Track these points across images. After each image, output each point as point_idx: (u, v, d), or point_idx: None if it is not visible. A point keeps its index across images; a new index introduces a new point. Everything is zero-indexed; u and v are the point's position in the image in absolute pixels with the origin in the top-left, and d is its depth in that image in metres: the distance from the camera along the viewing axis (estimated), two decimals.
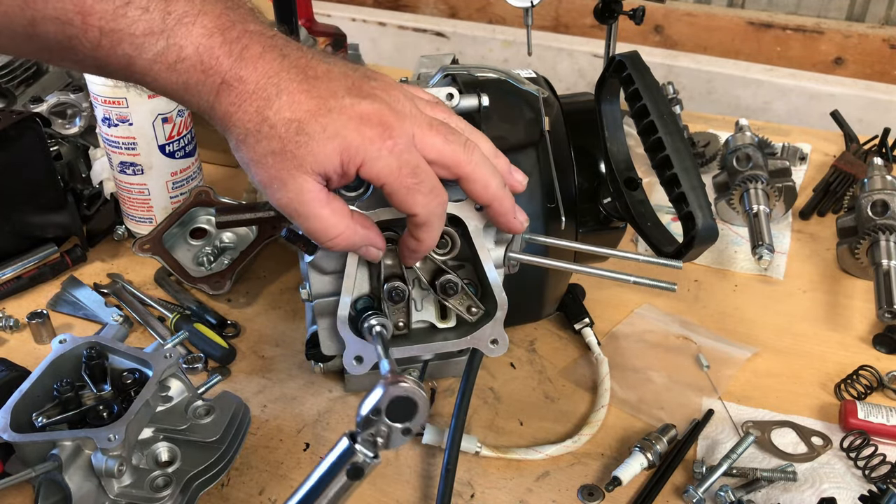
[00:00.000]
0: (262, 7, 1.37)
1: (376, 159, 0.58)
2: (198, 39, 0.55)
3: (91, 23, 0.54)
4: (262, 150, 0.58)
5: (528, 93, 0.83)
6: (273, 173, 0.58)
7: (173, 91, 0.58)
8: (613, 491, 0.80)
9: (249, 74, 0.56)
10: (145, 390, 0.77)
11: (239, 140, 0.58)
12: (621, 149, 0.89)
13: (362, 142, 0.57)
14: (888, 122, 1.41)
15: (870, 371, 0.92)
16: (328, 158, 0.57)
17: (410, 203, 0.60)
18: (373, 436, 0.53)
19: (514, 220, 0.66)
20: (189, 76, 0.56)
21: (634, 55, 0.84)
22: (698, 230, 0.76)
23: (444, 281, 0.70)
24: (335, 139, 0.57)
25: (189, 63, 0.56)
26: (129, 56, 0.55)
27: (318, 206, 0.59)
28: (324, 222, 0.60)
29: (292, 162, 0.57)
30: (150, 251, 1.07)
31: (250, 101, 0.56)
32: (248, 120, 0.57)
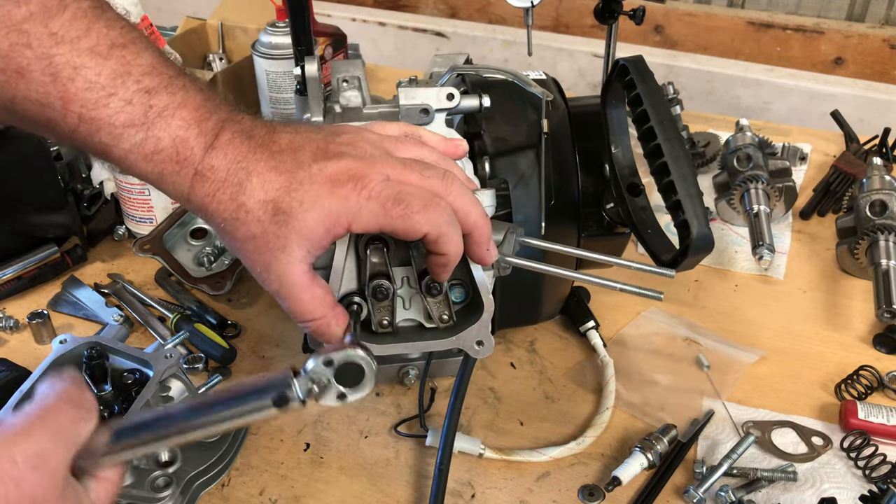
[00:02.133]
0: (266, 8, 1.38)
1: (359, 212, 0.58)
2: (175, 131, 0.56)
3: (72, 109, 0.54)
4: (242, 235, 0.58)
5: (533, 95, 0.83)
6: (256, 257, 0.58)
7: (148, 178, 0.58)
8: (613, 491, 0.80)
9: (220, 162, 0.57)
10: (146, 390, 0.77)
11: (220, 229, 0.59)
12: (626, 154, 0.89)
13: (340, 203, 0.57)
14: (888, 122, 1.41)
15: (870, 371, 0.92)
16: (312, 231, 0.57)
17: (414, 227, 0.59)
18: (312, 381, 0.53)
19: (487, 252, 0.66)
20: (164, 167, 0.57)
21: (638, 59, 0.84)
22: (693, 239, 0.76)
23: (429, 280, 0.70)
24: (314, 210, 0.57)
25: (165, 154, 0.56)
26: (106, 144, 0.56)
27: (299, 290, 0.59)
28: (303, 307, 0.60)
29: (275, 243, 0.57)
30: (151, 251, 1.07)
31: (223, 188, 0.57)
32: (224, 209, 0.57)
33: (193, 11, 1.58)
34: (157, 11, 1.48)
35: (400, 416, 0.89)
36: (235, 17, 1.46)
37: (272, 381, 0.53)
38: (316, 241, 0.58)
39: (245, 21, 1.45)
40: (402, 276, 0.72)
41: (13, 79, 0.54)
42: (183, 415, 0.52)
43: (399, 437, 0.87)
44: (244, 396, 0.52)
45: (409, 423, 0.88)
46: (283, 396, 0.53)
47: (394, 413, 0.90)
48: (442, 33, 2.41)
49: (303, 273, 0.59)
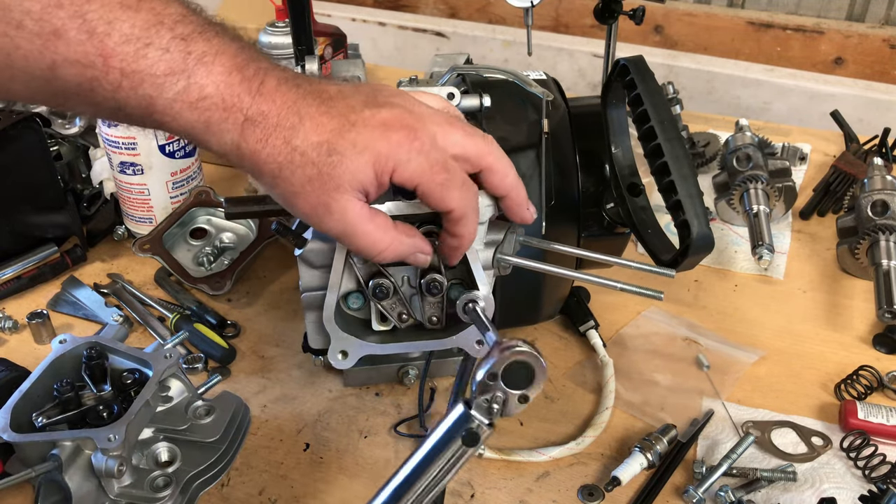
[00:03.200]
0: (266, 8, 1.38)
1: (407, 162, 0.59)
2: (218, 77, 0.56)
3: (112, 65, 0.54)
4: (298, 179, 0.58)
5: (533, 95, 0.83)
6: (314, 200, 0.59)
7: (193, 130, 0.57)
8: (613, 491, 0.80)
9: (270, 108, 0.57)
10: (145, 390, 0.77)
11: (274, 176, 0.58)
12: (626, 154, 0.89)
13: (391, 148, 0.58)
14: (888, 122, 1.41)
15: (870, 371, 0.92)
16: (363, 172, 0.58)
17: (447, 199, 0.61)
18: (488, 402, 0.52)
19: (528, 211, 0.68)
20: (211, 114, 0.56)
21: (638, 59, 0.84)
22: (693, 239, 0.76)
23: (429, 280, 0.70)
24: (365, 152, 0.58)
25: (210, 101, 0.56)
26: (150, 97, 0.56)
27: (363, 223, 0.60)
28: (370, 237, 0.61)
29: (330, 184, 0.58)
30: (150, 251, 1.07)
31: (276, 133, 0.57)
32: (278, 153, 0.57)
33: None
34: None
35: (399, 416, 0.89)
36: (235, 17, 1.46)
37: (453, 424, 0.52)
38: (367, 183, 0.59)
39: (245, 21, 1.45)
40: (402, 276, 0.72)
41: (51, 41, 0.53)
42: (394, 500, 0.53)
43: (399, 437, 0.87)
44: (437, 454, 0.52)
45: (408, 423, 0.88)
46: (471, 435, 0.52)
47: (393, 413, 0.90)
48: (442, 33, 2.41)
49: (362, 207, 0.60)
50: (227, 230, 1.15)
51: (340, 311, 0.72)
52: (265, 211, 0.85)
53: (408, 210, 0.69)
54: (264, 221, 1.11)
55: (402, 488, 0.53)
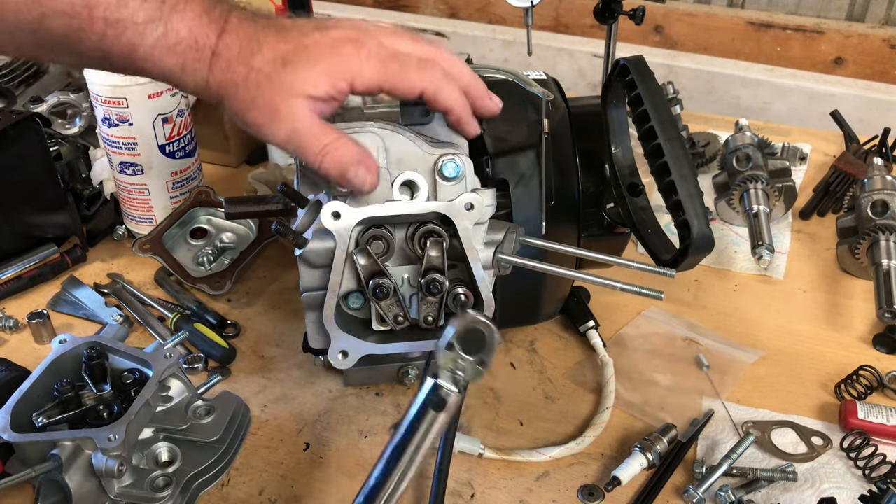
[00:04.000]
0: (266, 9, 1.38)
1: (361, 70, 0.63)
2: (190, 22, 0.62)
3: (97, 14, 0.60)
4: (252, 91, 0.63)
5: (533, 95, 0.83)
6: (264, 105, 0.63)
7: (171, 73, 0.63)
8: (613, 491, 0.80)
9: (233, 40, 0.63)
10: (145, 390, 0.77)
11: (231, 97, 0.63)
12: (626, 154, 0.89)
13: (343, 61, 0.63)
14: (888, 122, 1.41)
15: (870, 371, 0.92)
16: (316, 82, 0.62)
17: (410, 84, 0.64)
18: (452, 370, 0.54)
19: (491, 101, 0.71)
20: (186, 56, 0.62)
21: (638, 59, 0.84)
22: (693, 239, 0.76)
23: (429, 279, 0.70)
24: (318, 64, 0.62)
25: (185, 45, 0.62)
26: (133, 44, 0.61)
27: (310, 122, 0.63)
28: (316, 138, 0.64)
29: (280, 87, 0.62)
30: (150, 251, 1.07)
31: (237, 61, 0.63)
32: (237, 76, 0.63)
33: None
34: None
35: (400, 416, 0.89)
36: None
37: (425, 396, 0.55)
38: (320, 93, 0.63)
39: None
40: (403, 276, 0.72)
41: None
42: (384, 476, 0.57)
43: None
44: (414, 427, 0.55)
45: None
46: (439, 399, 0.54)
47: (393, 413, 0.90)
48: (442, 33, 2.41)
49: (312, 115, 0.63)
50: (227, 230, 1.15)
51: (340, 310, 0.72)
52: (265, 211, 0.85)
53: (407, 209, 0.69)
54: (264, 221, 1.11)
55: (390, 463, 0.56)
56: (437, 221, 0.71)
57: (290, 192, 0.70)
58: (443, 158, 0.71)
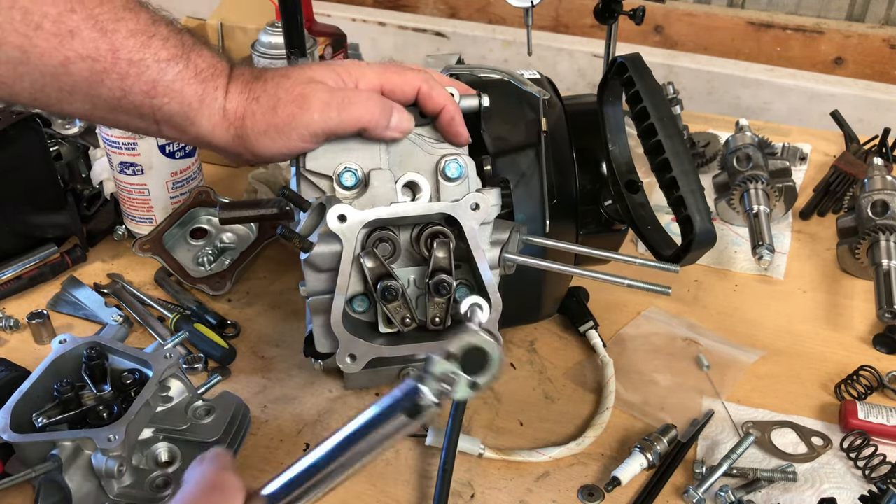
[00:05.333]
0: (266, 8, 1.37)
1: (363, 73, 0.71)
2: (208, 59, 0.68)
3: (121, 56, 0.63)
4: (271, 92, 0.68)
5: (529, 94, 0.83)
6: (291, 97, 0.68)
7: (189, 106, 0.67)
8: (613, 491, 0.80)
9: (242, 71, 0.71)
10: (145, 390, 0.77)
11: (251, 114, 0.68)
12: (623, 151, 0.89)
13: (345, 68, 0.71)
14: (888, 122, 1.41)
15: (870, 371, 0.92)
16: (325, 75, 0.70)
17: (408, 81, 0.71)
18: (439, 381, 0.52)
19: (462, 128, 0.72)
20: (207, 84, 0.67)
21: (636, 57, 0.84)
22: (696, 234, 0.76)
23: (438, 280, 0.70)
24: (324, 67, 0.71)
25: (207, 73, 0.67)
26: (154, 80, 0.65)
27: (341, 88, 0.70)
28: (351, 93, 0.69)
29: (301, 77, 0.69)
30: (150, 251, 1.07)
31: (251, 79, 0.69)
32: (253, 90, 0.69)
33: (193, 11, 1.57)
34: None
35: None
36: (235, 17, 1.46)
37: (400, 396, 0.53)
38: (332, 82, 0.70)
39: (245, 21, 1.45)
40: (409, 278, 0.72)
41: (66, 40, 0.61)
42: (326, 460, 0.53)
43: None
44: (378, 421, 0.53)
45: None
46: (416, 406, 0.52)
47: None
48: (442, 33, 2.41)
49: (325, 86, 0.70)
50: (227, 230, 1.15)
51: (346, 314, 0.72)
52: (259, 216, 0.85)
53: (413, 211, 0.69)
54: (264, 222, 1.11)
55: (339, 449, 0.53)
56: (441, 222, 0.71)
57: (292, 195, 0.70)
58: (445, 159, 0.71)
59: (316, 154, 0.71)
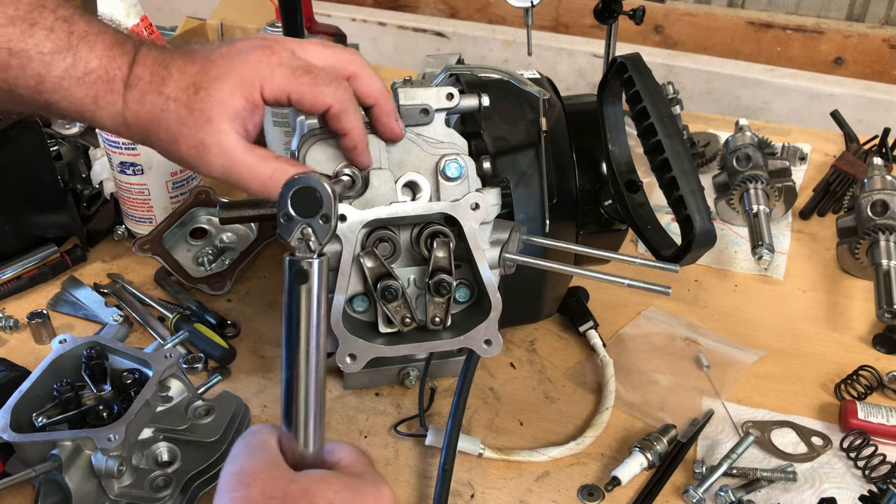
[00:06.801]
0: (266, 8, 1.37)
1: (270, 74, 0.61)
2: (101, 52, 0.61)
3: (0, 45, 0.59)
4: (174, 123, 0.61)
5: (529, 94, 0.83)
6: (192, 140, 0.61)
7: (83, 107, 0.61)
8: (613, 491, 0.80)
9: (143, 70, 0.62)
10: (145, 390, 0.77)
11: (154, 131, 0.62)
12: (623, 151, 0.89)
13: (250, 67, 0.61)
14: (888, 122, 1.41)
15: (870, 371, 0.92)
16: (231, 99, 0.60)
17: (319, 97, 0.62)
18: (301, 239, 0.53)
19: (397, 123, 0.69)
20: (98, 87, 0.61)
21: (636, 57, 0.84)
22: (696, 234, 0.76)
23: (438, 280, 0.70)
24: (228, 78, 0.61)
25: (96, 75, 0.61)
26: (39, 74, 0.60)
27: (242, 154, 0.62)
28: (253, 169, 0.62)
29: (202, 118, 0.60)
30: (150, 251, 1.07)
31: (150, 89, 0.61)
32: (154, 105, 0.61)
33: (193, 11, 1.58)
34: (157, 11, 1.48)
35: (400, 417, 0.89)
36: (235, 17, 1.46)
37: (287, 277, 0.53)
38: (239, 110, 0.61)
39: (244, 21, 1.45)
40: (409, 277, 0.72)
41: None
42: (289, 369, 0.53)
43: (399, 437, 0.87)
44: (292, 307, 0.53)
45: (408, 423, 0.88)
46: (300, 272, 0.53)
47: (393, 413, 0.90)
48: (442, 33, 2.41)
49: (238, 139, 0.62)
50: (227, 230, 1.15)
51: (346, 313, 0.72)
52: (259, 215, 0.85)
53: (413, 210, 0.69)
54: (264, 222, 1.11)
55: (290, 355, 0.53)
56: (441, 222, 0.71)
57: None
58: (445, 159, 0.71)
59: (315, 154, 0.71)
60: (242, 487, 0.50)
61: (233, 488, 0.50)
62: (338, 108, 0.63)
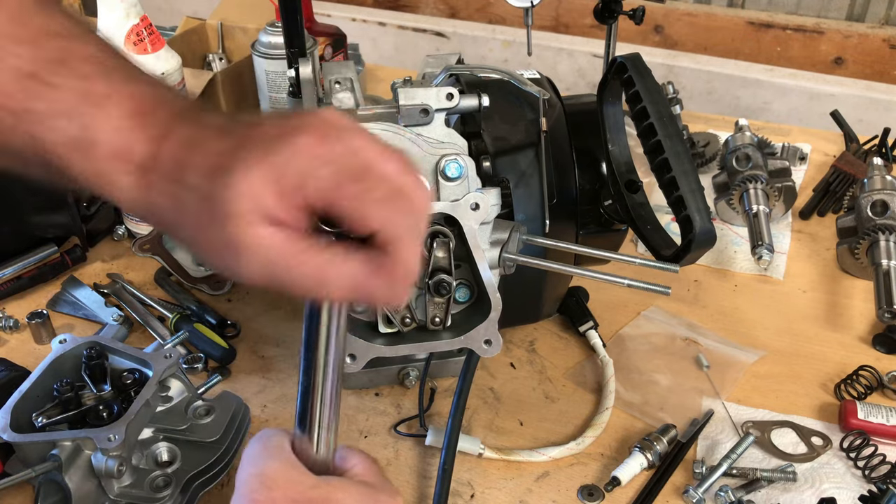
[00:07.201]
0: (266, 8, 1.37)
1: (315, 173, 0.45)
2: (116, 123, 0.48)
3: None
4: (195, 220, 0.47)
5: (529, 94, 0.83)
6: (218, 241, 0.46)
7: (87, 180, 0.49)
8: (613, 491, 0.80)
9: (168, 150, 0.48)
10: (145, 390, 0.77)
11: (177, 226, 0.49)
12: (623, 151, 0.89)
13: (293, 157, 0.44)
14: (888, 122, 1.41)
15: (870, 371, 0.92)
16: (260, 193, 0.44)
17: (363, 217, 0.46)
18: None
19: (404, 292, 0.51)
20: (101, 164, 0.48)
21: (635, 57, 0.84)
22: (696, 234, 0.76)
23: (438, 280, 0.70)
24: (260, 166, 0.44)
25: (100, 150, 0.48)
26: (33, 138, 0.49)
27: (280, 249, 0.45)
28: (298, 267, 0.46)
29: (224, 212, 0.44)
30: (150, 251, 1.07)
31: (168, 177, 0.47)
32: (173, 197, 0.47)
33: (193, 11, 1.57)
34: (157, 11, 1.48)
35: (399, 417, 0.89)
36: (235, 17, 1.46)
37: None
38: (272, 207, 0.44)
39: (244, 21, 1.45)
40: None
41: None
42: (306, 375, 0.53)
43: (399, 437, 0.87)
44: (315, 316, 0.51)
45: (408, 423, 0.88)
46: None
47: (393, 413, 0.90)
48: (442, 33, 2.42)
49: (274, 232, 0.45)
50: None
51: None
52: None
53: None
54: None
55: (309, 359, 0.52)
56: (441, 222, 0.71)
57: None
58: (445, 159, 0.71)
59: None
60: (266, 490, 0.50)
61: (255, 490, 0.50)
62: (389, 235, 0.46)
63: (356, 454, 0.55)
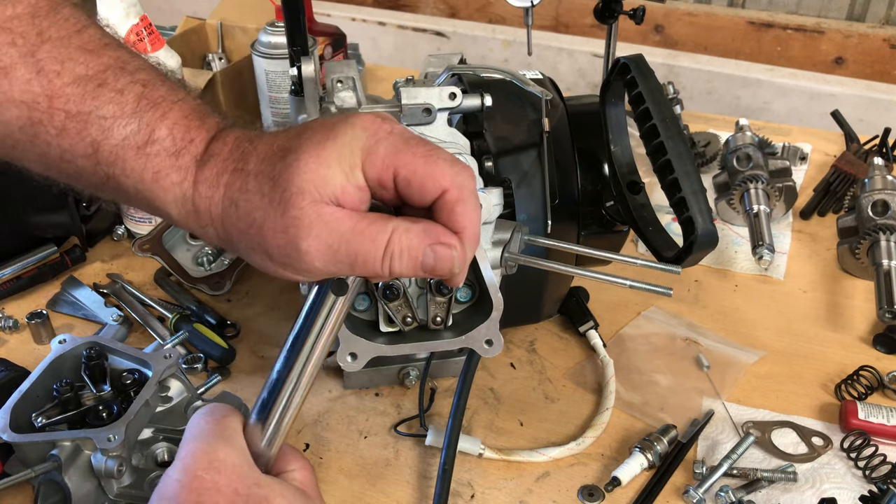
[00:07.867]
0: (266, 8, 1.37)
1: (376, 145, 0.48)
2: (172, 121, 0.51)
3: (57, 105, 0.50)
4: (255, 204, 0.48)
5: (531, 94, 0.83)
6: (279, 221, 0.48)
7: (141, 183, 0.52)
8: (613, 491, 0.80)
9: (221, 146, 0.51)
10: (145, 390, 0.76)
11: (233, 220, 0.50)
12: (625, 152, 0.89)
13: (354, 134, 0.48)
14: (888, 122, 1.41)
15: (870, 371, 0.92)
16: (327, 170, 0.47)
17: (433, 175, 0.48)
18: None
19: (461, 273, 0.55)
20: (160, 161, 0.51)
21: (638, 58, 0.84)
22: (698, 235, 0.76)
23: (439, 280, 0.70)
24: (324, 145, 0.48)
25: (160, 146, 0.51)
26: (96, 141, 0.51)
27: (349, 223, 0.47)
28: (367, 236, 0.48)
29: (290, 191, 0.47)
30: (150, 251, 1.07)
31: (227, 167, 0.50)
32: (231, 186, 0.50)
33: (193, 11, 1.57)
34: (157, 11, 1.48)
35: (400, 417, 0.89)
36: (235, 17, 1.46)
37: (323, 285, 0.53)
38: (337, 186, 0.47)
39: (244, 21, 1.45)
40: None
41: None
42: (285, 368, 0.54)
43: (399, 438, 0.86)
44: (313, 312, 0.52)
45: (408, 423, 0.88)
46: (341, 284, 0.52)
47: (393, 413, 0.90)
48: (442, 33, 2.42)
49: (338, 210, 0.48)
50: None
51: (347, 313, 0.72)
52: None
53: None
54: None
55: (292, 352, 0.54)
56: None
57: None
58: None
59: None
60: (212, 472, 0.50)
61: (202, 468, 0.50)
62: (455, 196, 0.49)
63: (298, 458, 0.56)
